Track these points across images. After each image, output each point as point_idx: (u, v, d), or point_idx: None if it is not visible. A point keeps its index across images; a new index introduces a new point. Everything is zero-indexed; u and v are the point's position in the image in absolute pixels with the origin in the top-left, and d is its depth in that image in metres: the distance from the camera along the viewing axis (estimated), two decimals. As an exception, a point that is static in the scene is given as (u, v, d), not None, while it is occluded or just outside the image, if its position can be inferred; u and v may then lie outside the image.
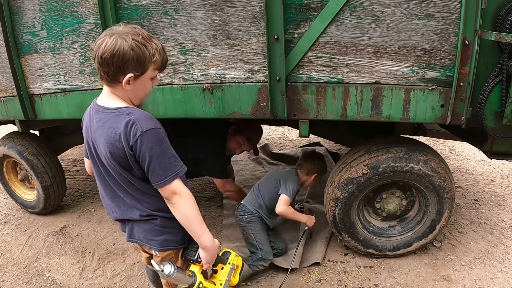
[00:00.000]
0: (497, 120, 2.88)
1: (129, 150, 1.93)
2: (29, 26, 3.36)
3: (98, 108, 2.04)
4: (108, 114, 1.98)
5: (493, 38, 2.61)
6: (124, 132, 1.91)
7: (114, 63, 1.85)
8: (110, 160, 1.99)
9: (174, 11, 2.91)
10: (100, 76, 1.95)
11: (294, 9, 2.75)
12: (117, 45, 1.83)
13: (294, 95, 2.94)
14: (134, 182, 2.07)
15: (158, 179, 1.98)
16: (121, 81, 1.92)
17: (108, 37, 1.85)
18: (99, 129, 2.00)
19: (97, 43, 1.87)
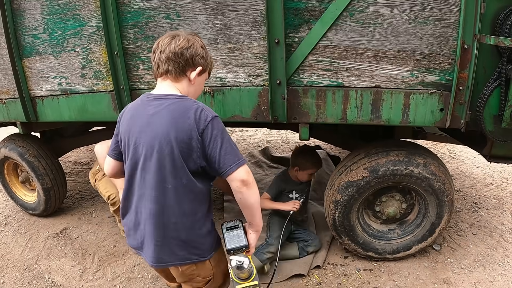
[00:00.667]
0: (496, 123, 2.89)
1: (199, 134, 1.95)
2: (31, 29, 3.38)
3: (156, 96, 2.08)
4: (173, 99, 2.03)
5: (492, 42, 2.62)
6: (194, 117, 1.95)
7: (187, 56, 2.04)
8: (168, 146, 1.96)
9: (176, 15, 2.93)
10: (166, 70, 2.06)
11: (295, 14, 2.76)
12: (190, 42, 2.04)
13: (294, 99, 2.95)
14: (184, 175, 2.02)
15: (232, 161, 1.98)
16: (188, 74, 2.09)
17: (177, 36, 2.05)
18: (158, 115, 2.00)
19: (165, 41, 2.04)
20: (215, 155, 1.97)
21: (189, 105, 2.00)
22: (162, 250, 2.10)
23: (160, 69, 2.08)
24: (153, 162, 2.00)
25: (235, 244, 2.17)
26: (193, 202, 2.09)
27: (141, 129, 2.04)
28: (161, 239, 2.07)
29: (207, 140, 1.96)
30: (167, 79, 2.10)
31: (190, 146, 1.97)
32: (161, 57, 2.05)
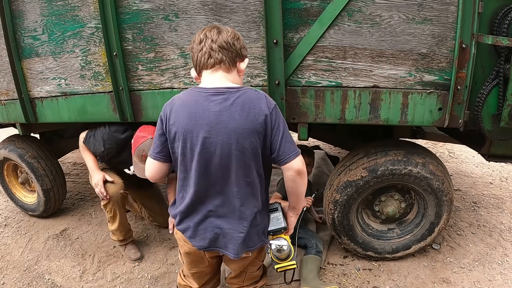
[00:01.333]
0: (494, 122, 2.91)
1: (269, 119, 2.01)
2: (31, 30, 3.38)
3: (214, 90, 2.05)
4: (237, 92, 2.04)
5: (490, 41, 2.63)
6: (264, 104, 2.02)
7: (237, 46, 2.09)
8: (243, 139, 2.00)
9: (175, 16, 2.94)
10: (220, 60, 2.06)
11: (293, 14, 2.77)
12: (237, 34, 2.12)
13: (293, 99, 2.96)
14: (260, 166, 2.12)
15: (292, 149, 2.07)
16: (237, 65, 2.13)
17: (223, 28, 2.09)
18: (229, 110, 2.00)
19: (213, 32, 2.06)
20: (277, 142, 2.05)
21: (254, 95, 2.04)
22: (245, 240, 2.19)
23: (213, 58, 2.06)
24: (233, 159, 2.04)
25: (275, 226, 2.30)
26: (265, 190, 2.27)
27: (210, 127, 2.01)
28: (245, 230, 2.16)
29: (272, 124, 2.03)
30: (220, 69, 2.09)
31: (265, 136, 2.04)
32: (213, 46, 2.04)
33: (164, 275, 3.62)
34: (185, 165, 2.12)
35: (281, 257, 2.31)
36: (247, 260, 2.36)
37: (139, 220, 4.49)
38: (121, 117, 3.31)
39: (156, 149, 2.21)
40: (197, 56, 2.09)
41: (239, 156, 2.03)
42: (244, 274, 2.53)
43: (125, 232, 3.81)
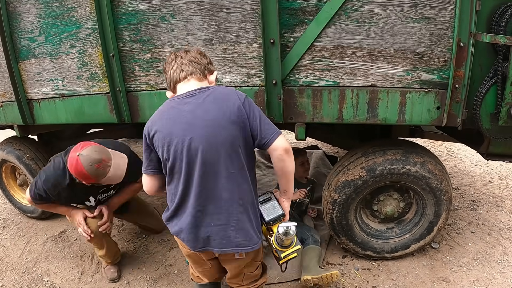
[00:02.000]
0: (492, 121, 2.90)
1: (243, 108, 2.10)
2: (27, 32, 3.38)
3: (187, 94, 2.18)
4: (206, 90, 2.17)
5: (487, 40, 2.63)
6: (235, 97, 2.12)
7: (204, 62, 2.28)
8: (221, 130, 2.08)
9: (171, 16, 2.93)
10: (191, 72, 2.23)
11: (290, 14, 2.76)
12: (202, 52, 2.34)
13: (290, 99, 2.95)
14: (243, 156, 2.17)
15: (272, 130, 2.16)
16: (207, 77, 2.28)
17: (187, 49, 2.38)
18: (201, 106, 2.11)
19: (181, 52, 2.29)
20: (257, 127, 2.13)
21: (224, 90, 2.19)
22: (237, 236, 2.21)
23: (184, 71, 2.23)
24: (217, 152, 2.11)
25: (273, 215, 2.35)
26: (253, 180, 2.29)
27: (188, 126, 2.11)
28: (235, 223, 2.20)
29: (247, 112, 2.12)
30: (192, 79, 2.24)
31: (244, 125, 2.12)
32: (183, 62, 2.23)
33: (162, 276, 3.61)
34: (172, 166, 2.19)
35: (284, 244, 2.30)
36: (243, 261, 2.38)
37: (137, 221, 4.49)
38: (118, 118, 3.30)
39: (144, 164, 2.33)
40: (170, 74, 2.26)
41: (220, 148, 2.10)
42: (242, 274, 2.55)
43: (113, 256, 3.66)
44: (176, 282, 3.52)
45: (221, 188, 2.16)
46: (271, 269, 3.55)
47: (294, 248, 2.33)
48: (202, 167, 2.12)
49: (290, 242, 2.30)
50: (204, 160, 2.11)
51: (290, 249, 2.33)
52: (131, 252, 3.98)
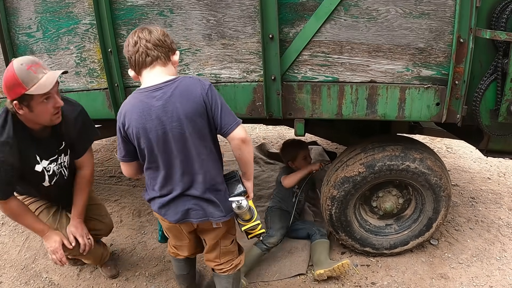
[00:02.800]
0: (492, 118, 2.89)
1: (207, 99, 2.26)
2: (25, 27, 3.36)
3: (154, 87, 2.28)
4: (173, 83, 2.27)
5: (487, 36, 2.62)
6: (200, 89, 2.26)
7: (168, 42, 2.33)
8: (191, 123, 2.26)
9: (169, 11, 2.92)
10: (155, 57, 2.28)
11: (289, 9, 2.75)
12: (165, 32, 2.35)
13: (289, 94, 2.94)
14: (209, 144, 2.39)
15: (232, 120, 2.33)
16: (171, 58, 2.37)
17: (151, 28, 2.31)
18: (170, 100, 2.24)
19: (144, 32, 2.28)
20: (218, 117, 2.30)
21: (189, 82, 2.28)
22: (213, 206, 2.46)
23: (150, 56, 2.28)
24: (187, 141, 2.31)
25: (237, 190, 2.54)
26: (219, 161, 2.53)
27: (159, 120, 2.27)
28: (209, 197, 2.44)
29: (210, 103, 2.27)
30: (157, 65, 2.32)
31: (208, 115, 2.29)
32: (148, 45, 2.26)
33: (161, 273, 3.61)
34: (151, 156, 2.38)
35: (244, 217, 2.52)
36: (220, 231, 2.61)
37: (136, 218, 4.48)
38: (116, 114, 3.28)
39: (121, 153, 2.50)
40: (134, 58, 2.30)
41: (189, 137, 2.30)
42: (218, 247, 2.73)
43: (100, 259, 3.50)
44: (175, 278, 3.51)
45: (195, 171, 2.39)
46: (270, 266, 3.56)
47: (254, 222, 2.56)
48: (176, 155, 2.34)
49: (249, 216, 2.53)
50: (177, 150, 2.32)
51: (250, 223, 2.56)
52: (130, 248, 3.97)
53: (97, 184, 5.39)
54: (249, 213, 2.52)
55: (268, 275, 3.49)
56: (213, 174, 2.44)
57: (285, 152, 4.08)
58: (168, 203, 2.47)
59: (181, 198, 2.45)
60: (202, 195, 2.43)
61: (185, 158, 2.36)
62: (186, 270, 3.04)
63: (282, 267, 3.58)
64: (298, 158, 3.96)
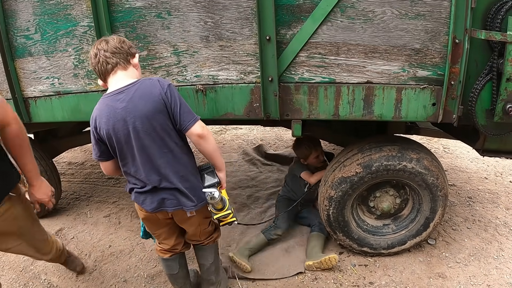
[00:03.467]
0: (488, 117, 2.91)
1: (166, 98, 2.38)
2: (23, 29, 3.37)
3: (117, 91, 2.43)
4: (134, 86, 2.41)
5: (483, 36, 2.64)
6: (158, 90, 2.38)
7: (125, 47, 2.48)
8: (152, 121, 2.39)
9: (167, 14, 2.93)
10: (115, 63, 2.45)
11: (286, 10, 2.77)
12: (121, 38, 2.50)
13: (286, 96, 2.96)
14: (173, 139, 2.50)
15: (191, 117, 2.45)
16: (131, 62, 2.51)
17: (107, 38, 2.49)
18: (131, 102, 2.38)
19: (102, 44, 2.45)
20: (177, 115, 2.43)
21: (149, 83, 2.42)
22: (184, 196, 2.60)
23: (110, 64, 2.45)
24: (150, 138, 2.44)
25: (209, 182, 2.67)
26: (188, 153, 2.64)
27: (124, 121, 2.41)
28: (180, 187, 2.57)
29: (170, 102, 2.40)
30: (118, 70, 2.48)
31: (168, 112, 2.42)
32: (106, 55, 2.43)
33: (160, 274, 3.61)
34: (122, 154, 2.54)
35: (217, 206, 2.64)
36: (195, 219, 2.77)
37: (134, 219, 4.49)
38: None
39: (96, 153, 2.64)
40: (98, 68, 2.48)
41: (152, 134, 2.43)
42: (198, 231, 2.91)
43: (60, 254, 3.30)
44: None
45: (160, 166, 2.52)
46: (268, 266, 3.57)
47: (225, 212, 2.69)
48: (141, 152, 2.49)
49: (221, 206, 2.66)
50: (141, 147, 2.46)
51: (222, 212, 2.68)
52: (128, 250, 3.98)
53: (95, 186, 5.40)
54: (221, 203, 2.64)
55: (267, 274, 3.50)
56: (181, 167, 2.57)
57: (298, 150, 4.14)
58: (145, 193, 2.62)
59: (155, 191, 2.60)
60: (173, 186, 2.57)
61: (150, 154, 2.49)
62: (175, 269, 3.11)
63: (280, 267, 3.60)
64: (310, 157, 4.04)
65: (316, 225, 3.89)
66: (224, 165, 2.74)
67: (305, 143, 4.03)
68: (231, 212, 2.72)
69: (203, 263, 3.12)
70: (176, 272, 3.11)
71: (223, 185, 2.76)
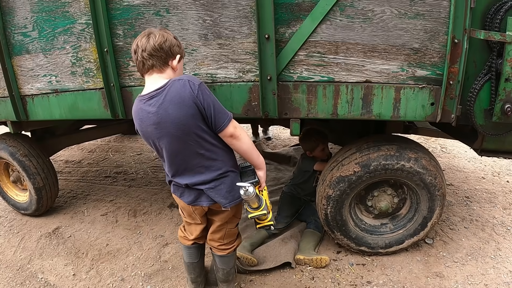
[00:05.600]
0: (486, 117, 2.91)
1: (198, 101, 2.32)
2: (21, 27, 3.36)
3: (149, 95, 2.41)
4: (164, 89, 2.36)
5: (482, 36, 2.64)
6: (188, 90, 2.31)
7: (165, 48, 2.40)
8: (185, 126, 2.36)
9: (166, 11, 2.92)
10: (151, 65, 2.42)
11: (285, 9, 2.76)
12: (165, 36, 2.40)
13: (285, 94, 2.95)
14: (208, 139, 2.47)
15: (225, 117, 2.43)
16: (170, 64, 2.45)
17: (151, 33, 2.40)
18: (162, 107, 2.35)
19: (143, 41, 2.38)
20: (211, 116, 2.39)
21: (179, 86, 2.33)
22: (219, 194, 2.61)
23: (146, 65, 2.43)
24: (183, 141, 2.42)
25: (248, 180, 2.63)
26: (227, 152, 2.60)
27: (156, 125, 2.41)
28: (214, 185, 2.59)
29: (202, 104, 2.34)
30: (153, 72, 2.45)
31: (202, 115, 2.38)
32: (144, 55, 2.39)
33: (157, 272, 3.61)
34: (159, 153, 2.61)
35: (252, 205, 2.58)
36: (227, 214, 2.79)
37: (131, 217, 4.49)
38: (113, 113, 3.29)
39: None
40: (136, 64, 2.48)
41: (185, 138, 2.41)
42: (224, 229, 2.92)
43: None
44: (171, 278, 3.52)
45: (195, 166, 2.54)
46: (266, 257, 3.57)
47: (261, 211, 2.62)
48: (175, 155, 2.50)
49: (257, 205, 2.59)
50: (175, 150, 2.48)
51: (257, 212, 2.62)
52: (125, 248, 3.97)
53: (92, 185, 5.40)
54: (257, 201, 2.58)
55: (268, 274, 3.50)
56: (218, 164, 2.56)
57: (305, 143, 4.17)
58: (182, 187, 2.67)
59: (191, 187, 2.63)
60: (208, 184, 2.58)
61: (184, 156, 2.50)
62: (196, 257, 3.16)
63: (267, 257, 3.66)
64: (316, 149, 4.09)
65: (312, 222, 3.96)
66: (263, 164, 2.71)
67: (313, 135, 4.08)
68: (266, 213, 2.66)
69: (223, 268, 3.11)
70: (197, 260, 3.17)
71: (262, 184, 2.73)
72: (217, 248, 3.02)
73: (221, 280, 3.18)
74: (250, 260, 3.51)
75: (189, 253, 3.14)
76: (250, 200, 2.52)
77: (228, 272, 3.12)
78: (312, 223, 3.95)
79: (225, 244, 3.00)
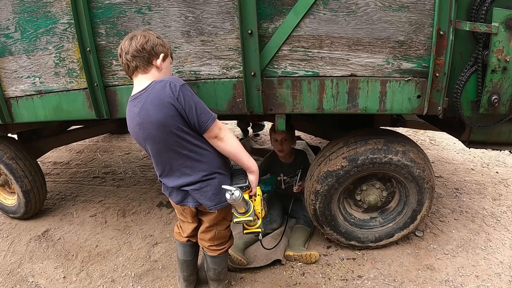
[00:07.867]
0: (473, 109, 2.91)
1: (178, 103, 2.31)
2: (3, 28, 3.32)
3: (135, 96, 2.45)
4: (145, 92, 2.38)
5: (467, 28, 2.63)
6: (168, 92, 2.31)
7: (147, 48, 2.41)
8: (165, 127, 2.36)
9: (148, 9, 2.89)
10: (135, 67, 2.44)
11: (268, 4, 2.73)
12: (146, 37, 2.42)
13: (269, 90, 2.93)
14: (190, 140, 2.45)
15: (208, 117, 2.40)
16: (154, 63, 2.45)
17: (134, 36, 2.43)
18: (143, 108, 2.37)
19: (125, 43, 2.42)
20: (192, 117, 2.36)
21: (159, 88, 2.34)
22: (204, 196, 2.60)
23: (131, 68, 2.46)
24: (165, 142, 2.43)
25: (237, 184, 2.60)
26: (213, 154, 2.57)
27: (140, 126, 2.44)
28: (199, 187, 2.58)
29: (183, 106, 2.33)
30: (138, 73, 2.47)
31: (182, 116, 2.36)
32: (128, 57, 2.43)
33: (147, 272, 3.59)
34: (148, 153, 2.63)
35: (239, 209, 2.50)
36: (216, 215, 2.77)
37: (120, 218, 4.46)
38: (97, 113, 3.26)
39: None
40: (123, 67, 2.52)
41: (167, 139, 2.41)
42: (214, 231, 2.91)
43: None
44: (161, 278, 3.50)
45: (179, 167, 2.55)
46: (256, 256, 3.56)
47: (246, 217, 2.53)
48: (160, 155, 2.53)
49: (244, 210, 2.51)
50: (159, 150, 2.50)
51: (243, 217, 2.54)
52: (115, 249, 3.95)
53: (81, 186, 5.36)
54: (244, 206, 2.50)
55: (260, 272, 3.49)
56: (203, 166, 2.54)
57: None
58: (170, 189, 2.71)
59: (177, 188, 2.64)
60: (193, 185, 2.58)
61: (167, 157, 2.51)
62: (191, 256, 3.16)
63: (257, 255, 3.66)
64: (271, 140, 4.09)
65: (301, 218, 3.95)
66: (254, 167, 2.63)
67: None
68: (253, 219, 2.57)
69: (215, 268, 3.10)
70: (191, 258, 3.18)
71: (252, 189, 2.66)
72: (208, 248, 3.00)
73: (212, 279, 3.17)
74: (240, 261, 3.49)
75: (183, 251, 3.15)
76: (236, 204, 2.46)
77: (219, 272, 3.12)
78: (302, 219, 3.94)
79: (216, 245, 2.98)
